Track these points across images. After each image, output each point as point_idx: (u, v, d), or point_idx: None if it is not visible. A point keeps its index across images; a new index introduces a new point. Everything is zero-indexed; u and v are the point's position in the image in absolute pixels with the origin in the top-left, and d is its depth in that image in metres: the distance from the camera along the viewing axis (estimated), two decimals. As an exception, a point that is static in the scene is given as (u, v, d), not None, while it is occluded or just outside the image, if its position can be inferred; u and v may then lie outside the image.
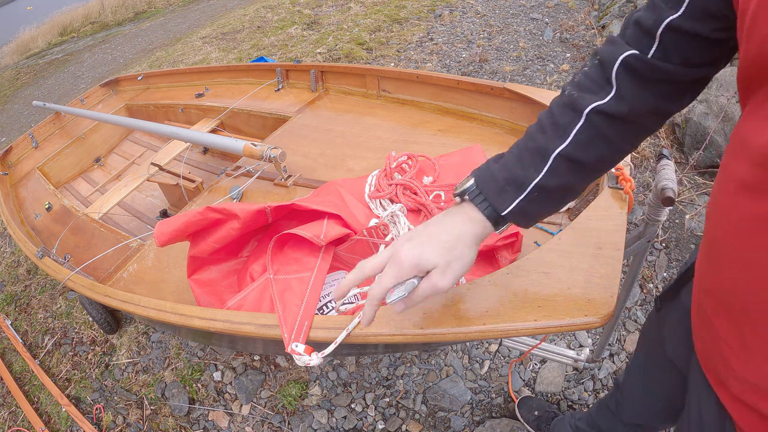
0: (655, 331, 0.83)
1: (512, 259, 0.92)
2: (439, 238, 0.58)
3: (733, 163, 0.46)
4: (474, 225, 0.59)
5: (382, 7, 5.28)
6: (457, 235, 0.58)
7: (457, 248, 0.58)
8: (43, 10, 11.19)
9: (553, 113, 0.58)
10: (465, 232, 0.59)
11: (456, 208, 0.61)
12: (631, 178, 0.85)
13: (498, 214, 0.58)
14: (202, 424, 1.73)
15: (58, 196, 1.99)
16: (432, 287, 0.58)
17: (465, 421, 1.56)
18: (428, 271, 0.58)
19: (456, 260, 0.58)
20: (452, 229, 0.59)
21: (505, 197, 0.57)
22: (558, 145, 0.56)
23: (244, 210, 0.98)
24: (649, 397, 0.92)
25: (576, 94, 0.56)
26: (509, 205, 0.57)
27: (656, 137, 2.40)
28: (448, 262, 0.58)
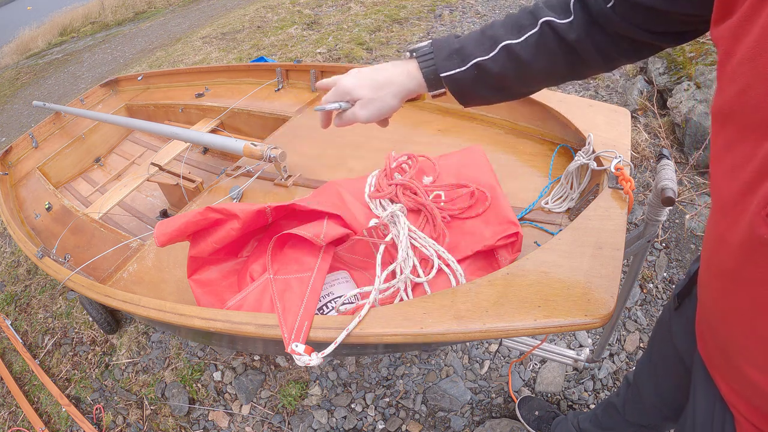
0: (667, 327, 0.83)
1: (512, 259, 0.92)
2: (374, 78, 0.70)
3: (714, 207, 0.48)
4: (409, 79, 0.68)
5: (382, 7, 5.27)
6: (390, 82, 0.69)
7: (383, 91, 0.69)
8: (43, 10, 11.19)
9: (517, 15, 0.64)
10: (397, 82, 0.69)
11: (401, 62, 0.70)
12: (631, 178, 0.85)
13: (436, 75, 0.66)
14: (202, 424, 1.73)
15: (58, 196, 1.99)
16: (353, 115, 0.73)
17: (465, 421, 1.56)
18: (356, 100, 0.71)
19: (378, 100, 0.70)
20: (389, 76, 0.69)
21: (448, 62, 0.65)
22: (509, 39, 0.63)
23: (244, 210, 0.97)
24: (657, 395, 0.92)
25: (541, 6, 0.63)
26: (449, 71, 0.65)
27: (656, 137, 2.40)
28: (371, 99, 0.70)
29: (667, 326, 0.83)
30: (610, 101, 2.79)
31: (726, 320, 0.50)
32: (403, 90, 0.69)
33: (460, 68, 0.65)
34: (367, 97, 0.70)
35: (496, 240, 0.93)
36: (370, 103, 0.70)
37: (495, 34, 0.64)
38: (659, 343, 0.89)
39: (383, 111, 0.71)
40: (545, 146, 1.29)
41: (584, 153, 1.02)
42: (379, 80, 0.69)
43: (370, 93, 0.70)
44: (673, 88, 2.47)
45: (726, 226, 0.44)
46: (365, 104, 0.70)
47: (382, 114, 0.72)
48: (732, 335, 0.49)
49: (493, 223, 0.97)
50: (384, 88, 0.69)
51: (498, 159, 1.26)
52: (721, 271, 0.48)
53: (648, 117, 2.53)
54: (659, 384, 0.91)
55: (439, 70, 0.66)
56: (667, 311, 0.86)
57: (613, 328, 1.28)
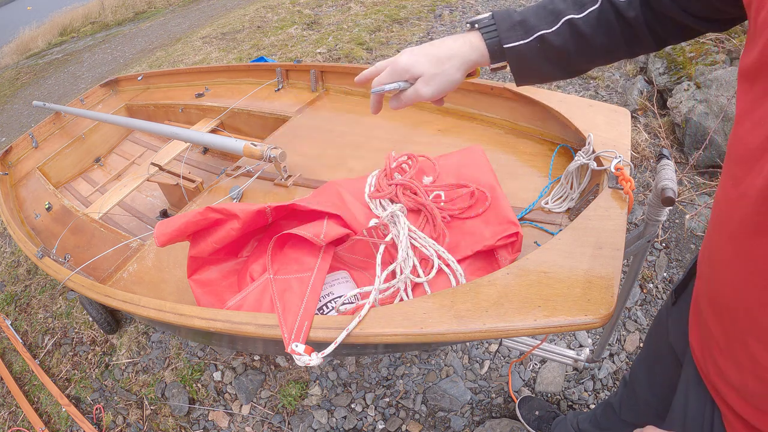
0: (663, 324, 0.83)
1: (512, 259, 0.92)
2: (434, 52, 0.67)
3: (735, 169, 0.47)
4: (472, 50, 0.66)
5: (382, 7, 5.27)
6: (452, 54, 0.66)
7: (447, 65, 0.67)
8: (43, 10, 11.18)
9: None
10: (460, 54, 0.66)
11: (461, 34, 0.68)
12: (631, 178, 0.85)
13: (500, 47, 0.65)
14: (202, 424, 1.73)
15: (58, 196, 1.99)
16: (415, 92, 0.69)
17: (465, 421, 1.56)
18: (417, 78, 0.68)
19: (442, 74, 0.67)
20: (450, 48, 0.67)
21: (512, 34, 0.64)
22: (571, 14, 0.63)
23: (244, 210, 0.97)
24: (652, 393, 0.93)
25: None
26: (513, 42, 0.65)
27: (656, 137, 2.40)
28: (434, 74, 0.67)
29: (664, 323, 0.83)
30: (610, 101, 2.79)
31: (737, 287, 0.49)
32: (466, 62, 0.67)
33: (524, 40, 0.64)
34: (429, 72, 0.67)
35: (496, 240, 0.93)
36: (433, 78, 0.68)
37: (557, 8, 0.64)
38: (655, 341, 0.89)
39: (447, 86, 0.69)
40: (545, 146, 1.29)
41: (584, 153, 1.02)
42: (440, 54, 0.67)
43: (432, 68, 0.67)
44: (673, 88, 2.47)
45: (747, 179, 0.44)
46: (428, 80, 0.68)
47: (446, 89, 0.69)
48: (743, 304, 0.48)
49: (493, 223, 0.97)
50: (446, 62, 0.67)
51: (498, 159, 1.26)
52: (735, 230, 0.47)
53: (648, 117, 2.53)
54: (654, 382, 0.91)
55: (503, 41, 0.65)
56: (664, 309, 0.86)
57: (613, 328, 1.28)
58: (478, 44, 0.66)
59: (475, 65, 0.68)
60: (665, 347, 0.82)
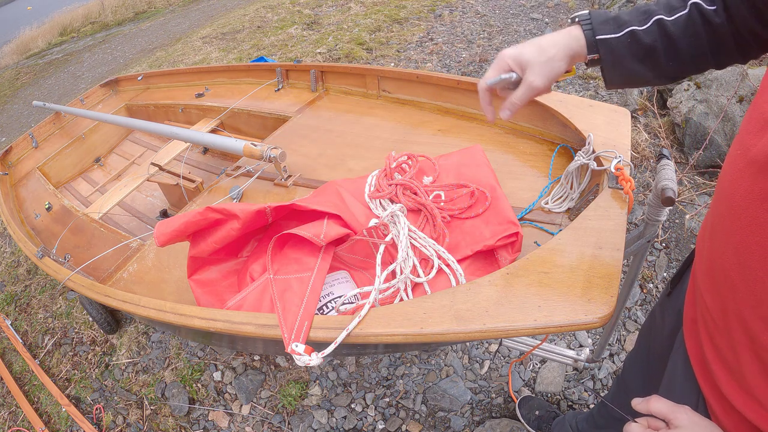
0: (659, 320, 0.83)
1: (512, 259, 0.92)
2: (537, 42, 0.71)
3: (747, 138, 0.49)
4: (572, 39, 0.70)
5: (382, 7, 5.27)
6: (556, 42, 0.70)
7: (552, 51, 0.70)
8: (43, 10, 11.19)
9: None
10: (562, 42, 0.70)
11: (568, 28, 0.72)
12: (631, 178, 0.85)
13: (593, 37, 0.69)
14: (202, 424, 1.73)
15: (58, 196, 1.99)
16: (528, 86, 0.71)
17: (465, 421, 1.56)
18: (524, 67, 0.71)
19: (549, 61, 0.70)
20: (552, 38, 0.71)
21: (605, 26, 0.68)
22: (662, 15, 0.66)
23: (244, 210, 0.97)
24: (644, 389, 0.93)
25: None
26: (605, 34, 0.68)
27: (656, 137, 2.40)
28: (542, 62, 0.70)
29: (659, 320, 0.84)
30: (610, 101, 2.79)
31: (740, 258, 0.49)
32: (569, 50, 0.70)
33: (615, 34, 0.68)
34: (536, 60, 0.70)
35: (496, 240, 0.93)
36: (542, 66, 0.70)
37: (649, 9, 0.67)
38: (647, 336, 0.89)
39: (554, 74, 0.71)
40: (545, 146, 1.29)
41: (584, 153, 1.02)
42: (544, 43, 0.70)
43: (539, 56, 0.70)
44: (673, 88, 2.47)
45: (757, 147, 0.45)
46: (538, 69, 0.70)
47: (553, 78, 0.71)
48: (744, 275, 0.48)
49: (493, 223, 0.97)
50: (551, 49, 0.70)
51: (498, 159, 1.26)
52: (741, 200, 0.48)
53: (648, 117, 2.53)
54: (646, 376, 0.91)
55: (596, 32, 0.68)
56: (658, 304, 0.86)
57: (613, 328, 1.28)
58: (578, 34, 0.69)
59: (576, 55, 0.71)
60: (659, 344, 0.82)
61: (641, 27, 0.67)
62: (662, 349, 0.81)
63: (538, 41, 0.71)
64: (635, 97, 2.67)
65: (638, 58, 0.69)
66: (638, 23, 0.67)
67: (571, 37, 0.70)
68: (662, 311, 0.83)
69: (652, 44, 0.67)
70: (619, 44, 0.68)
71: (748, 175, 0.47)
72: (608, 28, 0.68)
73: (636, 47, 0.68)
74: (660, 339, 0.82)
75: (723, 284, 0.52)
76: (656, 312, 0.87)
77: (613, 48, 0.68)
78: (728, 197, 0.51)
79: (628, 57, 0.69)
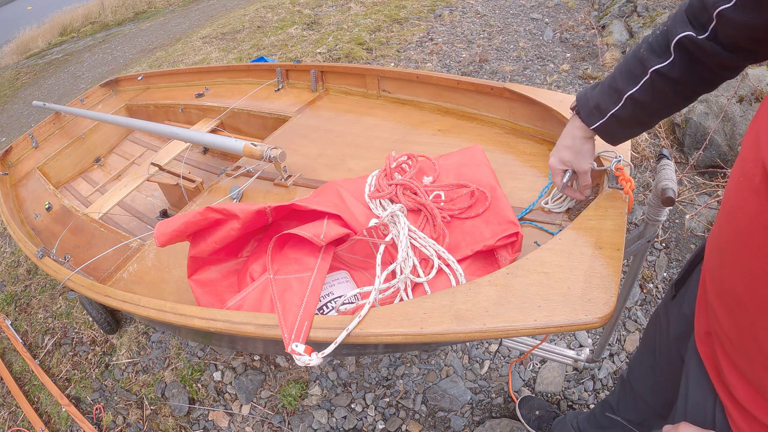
0: (663, 320, 0.83)
1: (512, 259, 0.92)
2: (564, 143, 0.89)
3: (748, 163, 0.48)
4: (581, 129, 0.85)
5: (382, 7, 5.27)
6: (573, 137, 0.87)
7: (576, 145, 0.87)
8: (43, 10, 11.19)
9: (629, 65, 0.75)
10: (577, 135, 0.86)
11: (572, 118, 0.87)
12: (631, 179, 0.86)
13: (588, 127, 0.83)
14: (202, 424, 1.73)
15: (58, 196, 1.99)
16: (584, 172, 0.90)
17: (465, 421, 1.56)
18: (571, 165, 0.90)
19: (581, 152, 0.88)
20: (570, 134, 0.88)
21: (592, 118, 0.82)
22: (630, 89, 0.75)
23: (244, 210, 0.97)
24: (650, 391, 0.93)
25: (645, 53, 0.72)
26: (595, 124, 0.81)
27: (656, 137, 2.40)
28: (579, 155, 0.88)
29: (663, 321, 0.83)
30: (610, 101, 2.79)
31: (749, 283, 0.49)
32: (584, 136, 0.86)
33: (602, 120, 0.80)
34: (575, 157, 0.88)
35: (496, 240, 0.93)
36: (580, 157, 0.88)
37: (618, 87, 0.76)
38: (652, 338, 0.89)
39: (590, 154, 0.88)
40: (545, 146, 1.29)
41: (584, 153, 1.02)
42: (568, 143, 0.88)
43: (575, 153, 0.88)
44: (673, 88, 2.47)
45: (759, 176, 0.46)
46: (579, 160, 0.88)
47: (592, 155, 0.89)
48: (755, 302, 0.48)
49: (493, 223, 0.97)
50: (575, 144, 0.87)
51: (498, 159, 1.26)
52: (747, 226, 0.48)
53: (648, 117, 2.53)
54: (652, 379, 0.91)
55: (588, 124, 0.82)
56: (662, 306, 0.86)
57: (613, 328, 1.28)
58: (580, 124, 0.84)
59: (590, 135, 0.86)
60: (666, 348, 0.82)
61: (617, 107, 0.77)
62: (669, 353, 0.81)
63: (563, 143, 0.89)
64: (635, 97, 2.67)
65: (627, 126, 0.80)
66: (613, 105, 0.77)
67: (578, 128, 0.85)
68: (666, 314, 0.83)
69: (632, 115, 0.77)
70: (609, 126, 0.80)
71: (753, 203, 0.47)
72: (594, 118, 0.81)
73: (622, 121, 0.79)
74: (666, 342, 0.82)
75: (736, 307, 0.52)
76: (660, 314, 0.87)
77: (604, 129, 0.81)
78: (734, 222, 0.51)
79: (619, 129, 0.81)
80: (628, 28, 3.42)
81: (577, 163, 0.89)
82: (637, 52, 0.75)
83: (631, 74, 0.74)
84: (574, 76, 3.16)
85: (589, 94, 0.83)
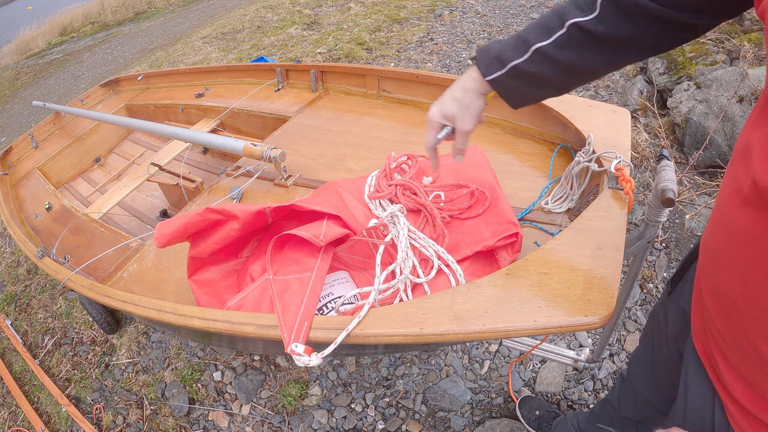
0: (661, 317, 0.83)
1: (512, 260, 0.92)
2: (452, 94, 0.79)
3: (740, 174, 0.47)
4: (474, 82, 0.76)
5: (382, 7, 5.27)
6: (464, 88, 0.77)
7: (466, 100, 0.78)
8: (43, 10, 11.19)
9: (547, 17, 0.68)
10: (470, 86, 0.77)
11: (467, 70, 0.78)
12: (631, 179, 0.85)
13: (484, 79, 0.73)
14: (202, 424, 1.73)
15: (58, 196, 1.99)
16: (463, 133, 0.81)
17: (465, 421, 1.56)
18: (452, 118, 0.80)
19: (467, 108, 0.78)
20: (461, 85, 0.78)
21: (490, 68, 0.72)
22: (539, 42, 0.67)
23: (243, 211, 0.97)
24: (650, 388, 0.93)
25: (568, 6, 0.65)
26: (492, 74, 0.72)
27: (656, 137, 2.40)
28: (463, 111, 0.79)
29: (661, 319, 0.83)
30: (610, 101, 2.79)
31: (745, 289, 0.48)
32: (477, 91, 0.77)
33: (500, 71, 0.71)
34: (458, 111, 0.79)
35: (496, 240, 0.93)
36: (464, 113, 0.79)
37: (528, 38, 0.68)
38: (651, 335, 0.89)
39: (476, 114, 0.80)
40: (545, 146, 1.28)
41: (584, 153, 1.02)
42: (457, 94, 0.79)
43: (459, 106, 0.79)
44: (673, 88, 2.47)
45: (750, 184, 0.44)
46: (462, 117, 0.79)
47: (477, 116, 0.81)
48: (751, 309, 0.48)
49: (492, 223, 0.97)
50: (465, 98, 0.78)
51: (498, 159, 1.26)
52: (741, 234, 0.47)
53: (648, 117, 2.53)
54: (654, 380, 0.91)
55: (484, 74, 0.73)
56: (660, 304, 0.86)
57: (613, 328, 1.28)
58: (477, 76, 0.75)
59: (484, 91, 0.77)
60: (665, 345, 0.82)
61: (521, 59, 0.69)
62: (668, 351, 0.81)
63: (451, 93, 0.79)
64: (635, 97, 2.67)
65: (531, 84, 0.72)
66: (518, 56, 0.69)
67: (473, 80, 0.76)
68: (664, 310, 0.83)
69: (538, 71, 0.69)
70: (508, 79, 0.72)
71: (745, 214, 0.46)
72: (493, 68, 0.72)
73: (524, 77, 0.70)
74: (665, 339, 0.82)
75: (731, 310, 0.52)
76: (658, 312, 0.87)
77: (502, 83, 0.73)
78: (728, 230, 0.51)
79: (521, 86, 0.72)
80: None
81: (460, 120, 0.79)
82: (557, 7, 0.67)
83: (546, 27, 0.67)
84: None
85: (493, 44, 0.73)
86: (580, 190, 1.04)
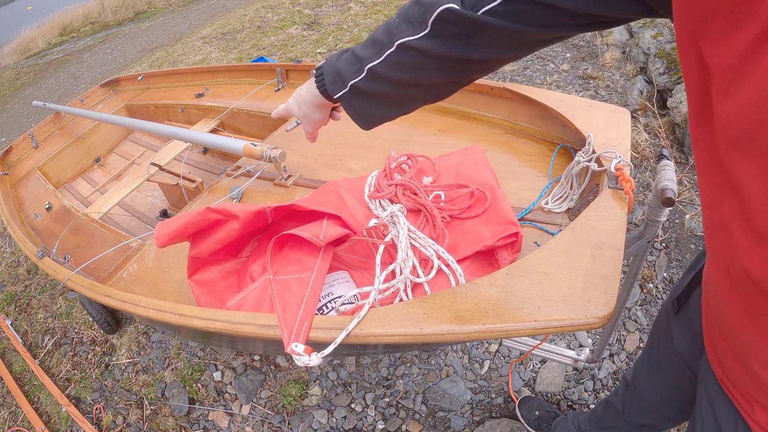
0: (666, 331, 0.83)
1: (512, 259, 0.92)
2: (297, 99, 0.86)
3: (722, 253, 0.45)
4: (314, 96, 0.79)
5: (382, 7, 5.27)
6: (305, 100, 0.83)
7: (305, 109, 0.85)
8: (43, 10, 11.19)
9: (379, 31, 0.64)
10: (308, 99, 0.82)
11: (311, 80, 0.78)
12: (631, 179, 0.85)
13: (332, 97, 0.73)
14: (202, 424, 1.73)
15: (58, 196, 1.99)
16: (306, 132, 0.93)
17: (465, 421, 1.56)
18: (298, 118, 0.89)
19: (307, 117, 0.87)
20: (302, 95, 0.84)
21: (335, 86, 0.71)
22: (371, 61, 0.64)
23: (243, 211, 0.97)
24: (658, 395, 0.92)
25: (397, 23, 0.62)
26: (337, 93, 0.72)
27: (656, 137, 2.40)
28: (303, 117, 0.88)
29: (666, 330, 0.83)
30: (610, 101, 2.79)
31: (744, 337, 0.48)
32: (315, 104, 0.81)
33: (343, 90, 0.70)
34: (300, 115, 0.87)
35: (495, 240, 0.93)
36: (304, 120, 0.87)
37: (362, 56, 0.65)
38: (658, 345, 0.89)
39: (315, 123, 0.87)
40: (545, 146, 1.28)
41: (584, 153, 1.02)
42: (300, 101, 0.84)
43: (300, 112, 0.86)
44: (673, 88, 2.47)
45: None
46: (303, 121, 0.88)
47: (316, 126, 0.88)
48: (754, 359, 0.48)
49: (493, 223, 0.97)
50: (304, 107, 0.84)
51: (498, 159, 1.26)
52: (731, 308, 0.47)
53: (648, 117, 2.53)
54: (659, 384, 0.91)
55: (330, 93, 0.73)
56: (665, 315, 0.85)
57: (613, 328, 1.28)
58: (314, 90, 0.76)
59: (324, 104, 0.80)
60: (670, 353, 0.81)
61: (358, 78, 0.66)
62: (679, 365, 0.80)
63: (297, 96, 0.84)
64: (635, 97, 2.67)
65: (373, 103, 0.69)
66: (354, 75, 0.66)
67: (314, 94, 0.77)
68: (670, 328, 0.82)
69: (377, 90, 0.66)
70: (353, 97, 0.69)
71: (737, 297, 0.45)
72: (336, 86, 0.70)
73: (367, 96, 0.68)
74: (672, 355, 0.81)
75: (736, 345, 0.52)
76: (663, 323, 0.86)
77: (350, 102, 0.71)
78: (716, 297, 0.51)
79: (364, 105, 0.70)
80: (628, 28, 3.42)
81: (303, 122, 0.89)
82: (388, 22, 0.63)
83: (377, 43, 0.63)
84: (574, 76, 3.15)
85: (335, 59, 0.70)
86: (580, 189, 1.04)
